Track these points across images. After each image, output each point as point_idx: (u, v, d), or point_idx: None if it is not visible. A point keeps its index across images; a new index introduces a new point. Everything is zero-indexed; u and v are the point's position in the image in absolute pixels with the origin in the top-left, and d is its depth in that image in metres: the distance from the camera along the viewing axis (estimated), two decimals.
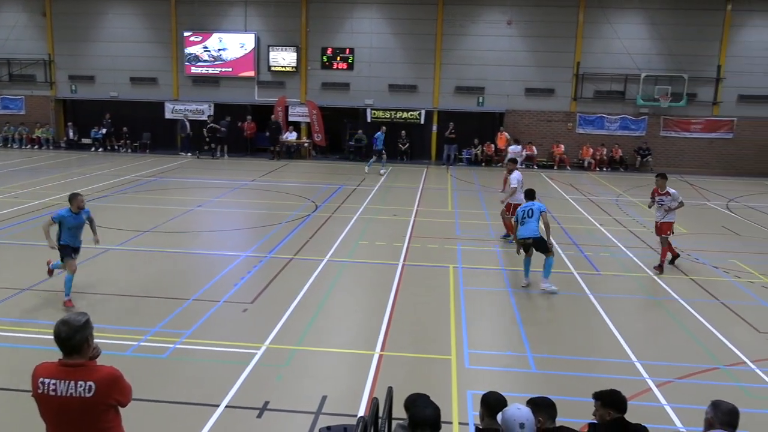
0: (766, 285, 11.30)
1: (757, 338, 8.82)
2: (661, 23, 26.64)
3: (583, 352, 8.33)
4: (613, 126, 27.70)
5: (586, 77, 27.27)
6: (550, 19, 27.02)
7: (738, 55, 26.74)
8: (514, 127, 27.61)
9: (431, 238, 14.00)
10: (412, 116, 27.97)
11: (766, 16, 26.51)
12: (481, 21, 27.29)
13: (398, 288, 10.56)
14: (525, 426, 3.91)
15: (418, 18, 27.39)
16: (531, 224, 10.54)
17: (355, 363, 7.73)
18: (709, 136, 27.32)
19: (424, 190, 20.65)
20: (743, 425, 4.18)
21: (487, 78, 27.59)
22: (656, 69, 26.77)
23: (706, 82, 27.01)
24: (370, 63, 27.84)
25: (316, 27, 27.85)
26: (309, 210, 16.67)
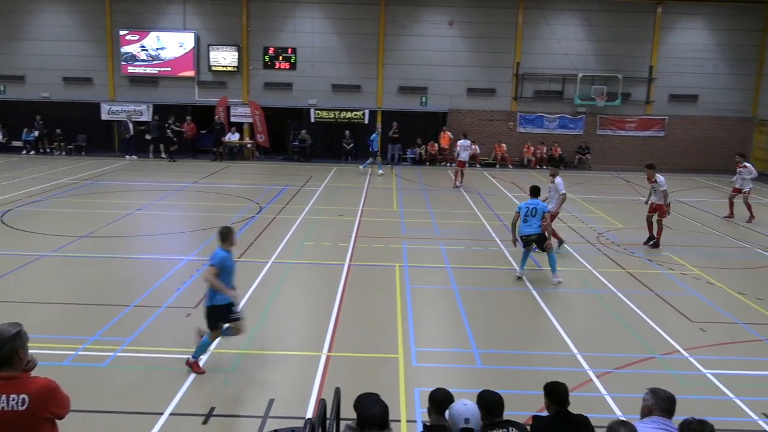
0: (697, 276, 11.81)
1: (690, 327, 9.21)
2: (596, 25, 27.49)
3: (526, 346, 8.52)
4: (553, 125, 28.40)
5: (525, 77, 27.86)
6: (490, 20, 27.49)
7: (668, 56, 27.84)
8: (457, 127, 27.94)
9: (377, 238, 14.04)
10: (356, 116, 27.98)
11: (694, 19, 27.70)
12: (423, 21, 27.53)
13: (345, 288, 10.55)
14: (470, 421, 3.97)
15: (360, 18, 27.41)
16: (534, 222, 10.93)
17: (303, 365, 7.68)
18: (643, 134, 28.33)
19: (369, 189, 20.69)
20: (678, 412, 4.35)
21: (430, 78, 27.85)
22: (592, 69, 27.59)
23: (640, 82, 28.02)
24: (313, 63, 27.69)
25: (257, 26, 27.51)
26: (253, 211, 16.46)
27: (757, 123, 28.22)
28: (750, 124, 28.51)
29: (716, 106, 28.24)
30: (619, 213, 17.84)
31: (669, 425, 4.16)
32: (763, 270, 12.47)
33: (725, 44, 27.76)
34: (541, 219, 10.97)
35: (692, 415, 3.82)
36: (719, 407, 6.85)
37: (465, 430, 4.00)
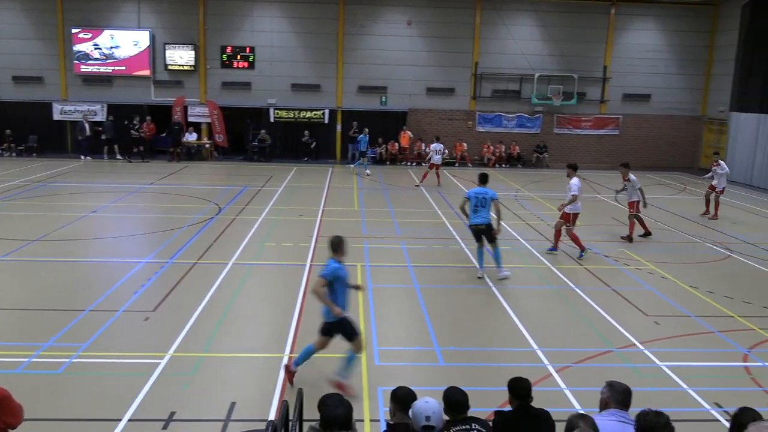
0: (651, 271, 12.12)
1: (646, 321, 9.45)
2: (551, 25, 27.96)
3: (487, 342, 8.61)
4: (511, 124, 28.78)
5: (484, 77, 28.16)
6: (448, 20, 27.70)
7: (622, 57, 28.51)
8: (417, 126, 28.10)
9: None
10: (316, 116, 27.85)
11: (646, 20, 28.42)
12: (381, 21, 27.57)
13: (306, 288, 10.49)
14: (431, 418, 3.98)
15: (319, 17, 27.29)
16: (484, 213, 10.97)
17: (265, 367, 7.62)
18: (598, 133, 28.94)
19: (330, 189, 20.63)
20: (634, 404, 4.46)
21: (390, 77, 27.91)
22: (549, 69, 28.05)
23: (594, 81, 28.61)
24: (271, 62, 27.46)
25: (214, 25, 27.13)
26: (212, 213, 16.24)
27: (707, 121, 29.12)
28: (700, 123, 29.40)
29: (668, 105, 29.05)
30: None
31: (626, 417, 4.26)
32: (713, 264, 12.87)
33: (676, 45, 28.56)
34: (491, 209, 11.01)
35: (648, 407, 3.92)
36: (674, 398, 7.04)
37: (426, 428, 4.02)
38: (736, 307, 10.15)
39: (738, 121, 25.60)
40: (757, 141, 24.49)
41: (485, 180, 11.36)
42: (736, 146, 25.69)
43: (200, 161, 26.79)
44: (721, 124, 27.69)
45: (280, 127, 27.88)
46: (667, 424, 3.65)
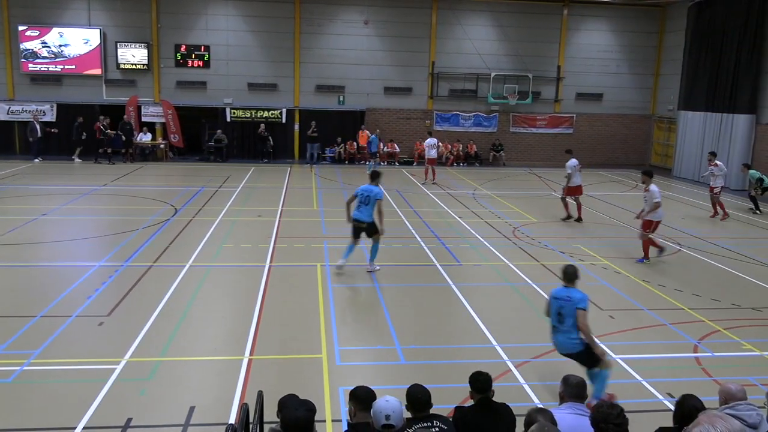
0: (605, 266, 12.41)
1: (600, 315, 9.66)
2: (506, 26, 28.33)
3: (448, 340, 8.69)
4: (468, 123, 29.07)
5: (441, 76, 28.37)
6: (405, 20, 27.81)
7: (575, 57, 29.09)
8: (375, 125, 28.10)
9: (298, 238, 13.94)
10: (273, 115, 27.61)
11: (597, 21, 29.07)
12: (338, 20, 27.50)
13: (266, 290, 10.41)
14: (391, 417, 3.99)
15: (275, 16, 27.06)
16: (366, 210, 11.01)
17: (224, 370, 7.53)
18: (553, 131, 29.47)
19: (289, 189, 20.49)
20: (591, 395, 4.56)
21: (347, 77, 27.87)
22: (504, 69, 28.43)
23: (549, 81, 29.12)
24: (227, 61, 27.10)
25: (167, 23, 26.63)
26: (168, 214, 15.95)
27: (656, 120, 29.96)
28: (650, 121, 30.23)
29: (619, 104, 29.78)
30: (532, 208, 18.47)
31: (582, 409, 4.37)
32: (664, 258, 13.24)
33: (626, 45, 29.29)
34: (374, 208, 10.99)
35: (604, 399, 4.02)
36: (628, 390, 7.23)
37: (386, 426, 4.04)
38: (686, 299, 10.48)
39: (686, 119, 26.41)
40: (703, 138, 25.30)
41: (375, 178, 11.40)
42: (684, 144, 26.49)
43: (155, 162, 26.26)
44: (670, 122, 28.53)
45: (237, 126, 27.55)
46: (621, 414, 3.75)
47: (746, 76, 23.23)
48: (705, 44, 25.21)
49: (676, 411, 4.20)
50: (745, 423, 4.00)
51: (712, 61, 24.79)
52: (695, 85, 25.83)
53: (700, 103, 25.53)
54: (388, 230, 14.94)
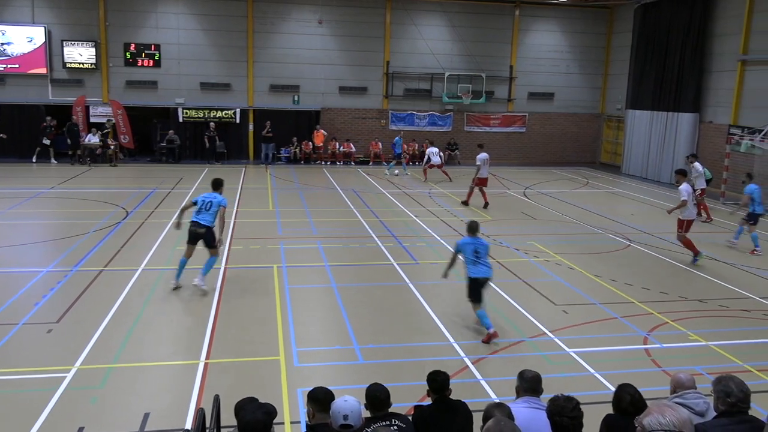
0: (559, 262, 12.66)
1: (554, 310, 9.87)
2: (459, 26, 28.61)
3: (406, 338, 8.72)
4: (423, 122, 29.25)
5: (395, 76, 28.46)
6: (359, 19, 27.80)
7: (526, 57, 29.58)
8: (330, 125, 28.04)
9: (253, 239, 13.79)
10: (227, 115, 27.22)
11: (547, 22, 29.61)
12: (291, 19, 27.30)
13: (221, 292, 10.28)
14: (349, 417, 3.99)
15: (227, 15, 26.69)
16: (206, 216, 10.29)
17: (179, 375, 7.39)
18: (506, 130, 29.89)
19: (243, 190, 20.25)
20: (547, 390, 4.65)
21: (302, 76, 27.70)
22: (458, 68, 28.70)
23: (502, 80, 29.53)
24: (179, 60, 26.60)
25: (116, 21, 25.97)
26: (119, 217, 15.57)
27: (606, 119, 30.71)
28: (599, 120, 30.97)
29: (570, 103, 30.42)
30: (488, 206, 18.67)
31: (538, 403, 4.45)
32: (615, 254, 13.60)
33: (576, 46, 29.93)
34: (216, 215, 10.33)
35: (560, 392, 4.10)
36: (582, 382, 7.39)
37: (344, 426, 4.04)
38: (636, 293, 10.78)
39: (633, 117, 27.15)
40: (650, 136, 26.06)
41: (217, 187, 10.66)
42: (632, 142, 27.23)
43: (105, 164, 25.58)
44: (619, 121, 29.28)
45: (190, 127, 27.06)
46: (576, 407, 3.83)
47: (690, 76, 24.01)
48: (651, 45, 25.97)
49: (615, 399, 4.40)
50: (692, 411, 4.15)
51: (657, 61, 25.55)
52: (642, 84, 26.58)
53: (646, 102, 26.28)
54: (345, 230, 15.00)
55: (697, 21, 23.58)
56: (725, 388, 3.92)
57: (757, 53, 21.29)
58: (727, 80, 22.66)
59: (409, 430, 4.48)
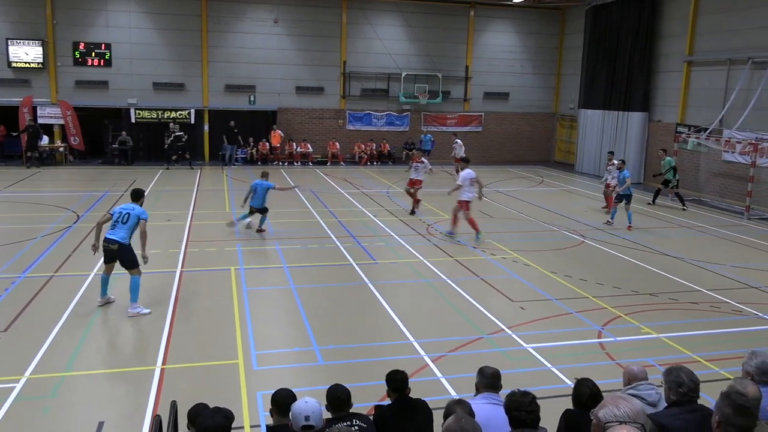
0: (516, 260, 12.85)
1: (512, 307, 10.01)
2: (416, 26, 28.77)
3: (365, 338, 8.72)
4: (380, 122, 29.32)
5: (352, 76, 28.45)
6: (315, 19, 27.68)
7: (482, 57, 29.94)
8: (287, 125, 27.85)
9: (210, 242, 13.59)
10: (181, 116, 26.76)
11: (502, 23, 30.03)
12: (246, 19, 27.01)
13: (177, 296, 10.09)
14: (310, 418, 3.98)
15: (180, 13, 26.24)
16: (121, 231, 9.16)
17: (135, 381, 7.23)
18: (463, 130, 30.19)
19: (200, 192, 19.94)
20: (506, 385, 4.72)
21: (257, 76, 27.43)
22: (415, 68, 28.86)
23: (458, 80, 29.82)
24: (131, 60, 26.03)
25: (64, 19, 25.25)
26: (70, 221, 15.15)
27: (559, 118, 31.32)
28: (553, 119, 31.57)
29: (525, 103, 30.92)
30: (445, 205, 18.81)
31: (497, 399, 4.51)
32: (570, 250, 13.88)
33: (530, 46, 30.44)
34: (132, 229, 9.21)
35: (518, 387, 4.16)
36: (540, 377, 7.52)
37: (306, 427, 4.02)
38: (590, 288, 11.02)
39: (585, 117, 27.76)
40: (602, 135, 26.68)
41: (136, 197, 9.61)
42: (585, 140, 27.84)
43: (54, 166, 24.86)
44: (572, 120, 29.89)
45: (143, 128, 26.52)
46: (532, 401, 3.90)
47: (639, 76, 24.67)
48: (602, 46, 26.59)
49: (573, 393, 4.54)
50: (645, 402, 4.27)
51: (608, 61, 26.18)
52: (594, 84, 27.19)
53: (598, 102, 26.89)
54: (303, 231, 14.91)
55: (645, 23, 24.25)
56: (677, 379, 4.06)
57: (701, 54, 22.03)
58: (674, 80, 23.37)
59: (370, 430, 4.49)
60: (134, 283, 9.20)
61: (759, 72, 19.43)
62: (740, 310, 10.11)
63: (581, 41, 28.18)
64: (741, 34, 20.25)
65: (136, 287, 9.19)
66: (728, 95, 20.46)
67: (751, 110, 19.32)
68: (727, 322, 9.56)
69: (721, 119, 20.56)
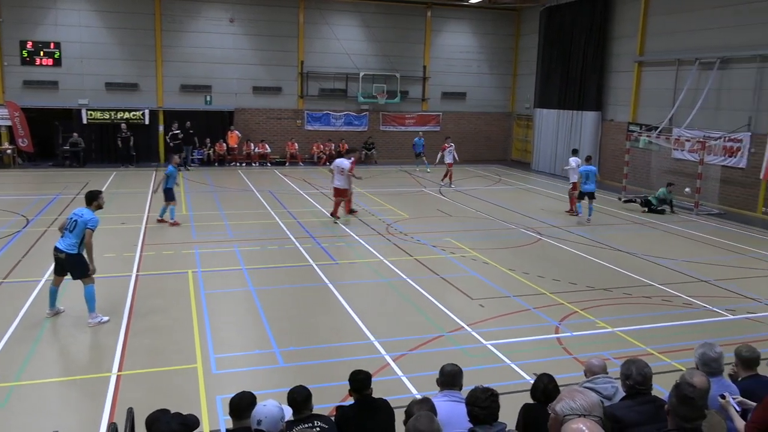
0: (474, 258, 12.98)
1: (471, 305, 10.11)
2: (373, 26, 28.80)
3: (326, 339, 8.69)
4: (339, 122, 29.25)
5: (310, 76, 28.30)
6: (272, 18, 27.45)
7: (439, 57, 30.15)
8: (244, 126, 27.55)
9: (166, 244, 13.35)
10: (135, 116, 26.20)
11: (458, 23, 30.30)
12: (201, 18, 26.61)
13: (133, 301, 9.88)
14: (262, 422, 3.96)
15: (132, 12, 25.68)
16: (70, 238, 8.69)
17: (90, 389, 7.05)
18: (422, 129, 30.32)
19: (155, 194, 19.51)
20: (467, 382, 4.77)
21: (214, 76, 27.05)
22: (373, 68, 28.88)
23: (416, 80, 29.97)
24: (81, 59, 25.35)
25: (10, 17, 24.43)
26: (19, 225, 14.68)
27: (516, 117, 31.77)
28: (510, 119, 32.01)
29: (482, 102, 31.26)
30: (404, 204, 18.93)
31: (457, 396, 4.57)
32: (526, 247, 14.10)
33: (486, 46, 30.79)
34: (80, 236, 8.66)
35: (479, 383, 4.21)
36: (499, 373, 7.61)
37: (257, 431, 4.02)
38: (547, 284, 11.21)
39: (541, 116, 28.23)
40: (557, 134, 27.17)
41: (89, 201, 8.97)
42: (540, 139, 28.31)
43: (1, 169, 24.05)
44: (528, 119, 30.37)
45: (95, 129, 25.88)
46: (489, 397, 3.96)
47: (592, 76, 25.21)
48: (556, 46, 27.08)
49: (532, 388, 4.65)
50: (601, 395, 4.38)
51: (562, 62, 26.68)
52: (548, 84, 27.67)
53: (553, 101, 27.38)
54: (262, 232, 14.77)
55: (598, 24, 24.79)
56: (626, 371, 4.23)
57: (651, 55, 22.64)
58: (625, 80, 23.95)
59: (331, 430, 4.49)
60: (88, 293, 8.77)
61: (706, 72, 20.07)
62: (691, 303, 10.43)
63: (536, 42, 28.64)
64: (688, 36, 20.89)
65: (91, 297, 8.78)
66: (677, 95, 21.08)
67: (699, 109, 19.95)
68: (679, 315, 9.85)
69: (671, 118, 21.16)
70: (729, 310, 10.08)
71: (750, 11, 18.65)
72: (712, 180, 19.65)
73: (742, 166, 18.96)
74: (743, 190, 19.04)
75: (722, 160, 19.52)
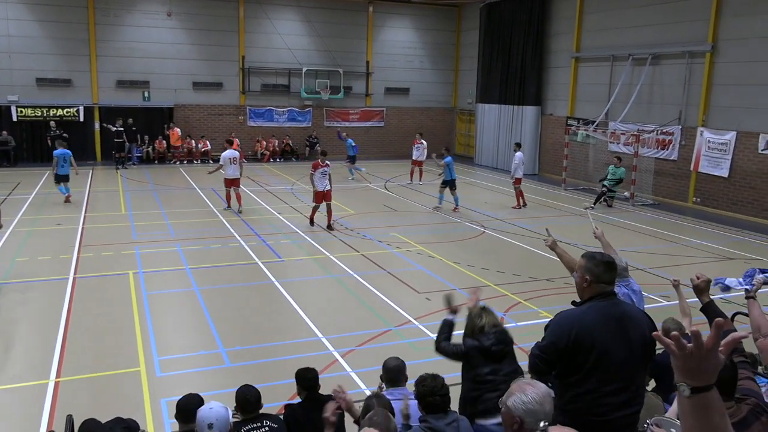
0: (420, 252, 13.10)
1: (418, 298, 10.21)
2: (315, 21, 28.57)
3: (274, 337, 8.62)
4: (282, 118, 28.94)
5: (252, 71, 27.88)
6: (211, 13, 26.88)
7: (382, 53, 30.19)
8: (185, 122, 26.93)
9: (105, 245, 12.95)
10: (69, 113, 25.24)
11: (401, 19, 30.41)
12: (137, 11, 25.83)
13: (71, 304, 9.56)
14: (213, 426, 3.89)
15: (64, 5, 24.68)
16: None
17: (27, 397, 6.79)
18: (366, 125, 30.36)
19: (92, 193, 18.90)
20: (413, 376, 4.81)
21: (152, 71, 26.30)
22: (316, 64, 28.68)
23: (359, 76, 29.92)
24: (10, 54, 24.21)
25: None
26: None
27: (458, 113, 32.15)
28: (453, 114, 32.36)
29: (425, 98, 31.48)
30: (350, 200, 18.91)
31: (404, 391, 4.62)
32: (471, 241, 14.31)
33: (428, 42, 31.01)
34: None
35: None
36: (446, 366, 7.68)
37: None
38: (492, 276, 11.42)
39: (483, 111, 28.65)
40: (499, 129, 27.64)
41: None
42: (483, 134, 28.75)
43: None
44: (470, 114, 30.77)
45: (26, 127, 24.80)
46: (444, 386, 4.02)
47: (531, 71, 25.73)
48: (496, 42, 27.52)
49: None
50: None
51: (502, 57, 27.13)
52: (490, 79, 28.10)
53: (494, 96, 27.82)
54: (205, 231, 14.51)
55: (536, 20, 25.31)
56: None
57: (587, 51, 23.28)
58: (563, 76, 24.56)
59: (280, 430, 4.46)
60: None
61: (639, 68, 20.78)
62: None
63: (477, 38, 29.01)
64: (622, 33, 21.58)
65: None
66: (612, 90, 21.75)
67: (633, 104, 20.64)
68: None
69: (607, 112, 21.83)
70: (663, 297, 10.50)
71: (679, 9, 19.40)
72: (646, 172, 20.37)
73: (674, 158, 19.74)
74: (675, 181, 19.83)
75: (655, 153, 20.27)
